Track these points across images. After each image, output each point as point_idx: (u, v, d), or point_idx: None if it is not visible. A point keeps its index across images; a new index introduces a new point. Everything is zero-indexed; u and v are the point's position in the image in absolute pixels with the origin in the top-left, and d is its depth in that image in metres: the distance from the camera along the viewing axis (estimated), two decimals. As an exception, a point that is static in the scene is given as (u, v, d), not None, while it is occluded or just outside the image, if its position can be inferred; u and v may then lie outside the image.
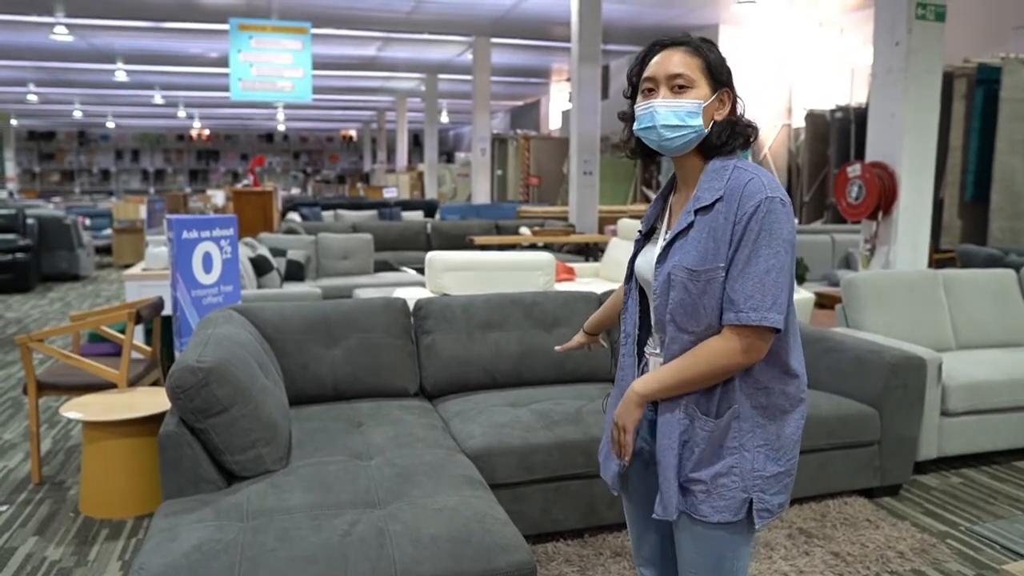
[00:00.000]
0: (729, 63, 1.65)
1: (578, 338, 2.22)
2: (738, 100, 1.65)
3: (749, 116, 1.67)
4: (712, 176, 1.59)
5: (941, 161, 7.71)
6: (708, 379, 1.56)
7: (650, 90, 1.62)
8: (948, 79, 7.46)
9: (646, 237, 1.76)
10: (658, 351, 1.68)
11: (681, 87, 1.58)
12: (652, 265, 1.65)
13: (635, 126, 1.65)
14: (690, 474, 1.61)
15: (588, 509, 2.97)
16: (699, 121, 1.58)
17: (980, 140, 7.60)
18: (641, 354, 1.75)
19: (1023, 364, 3.97)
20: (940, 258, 7.30)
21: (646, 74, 1.63)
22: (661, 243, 1.66)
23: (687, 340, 1.59)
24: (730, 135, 1.61)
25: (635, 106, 1.66)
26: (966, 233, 7.84)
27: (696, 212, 1.57)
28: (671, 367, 1.58)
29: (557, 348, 2.25)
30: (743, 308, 1.51)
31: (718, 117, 1.61)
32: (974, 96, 7.59)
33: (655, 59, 1.62)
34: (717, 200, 1.55)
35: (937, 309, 4.28)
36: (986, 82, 7.50)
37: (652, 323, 1.69)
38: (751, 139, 1.66)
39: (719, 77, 1.61)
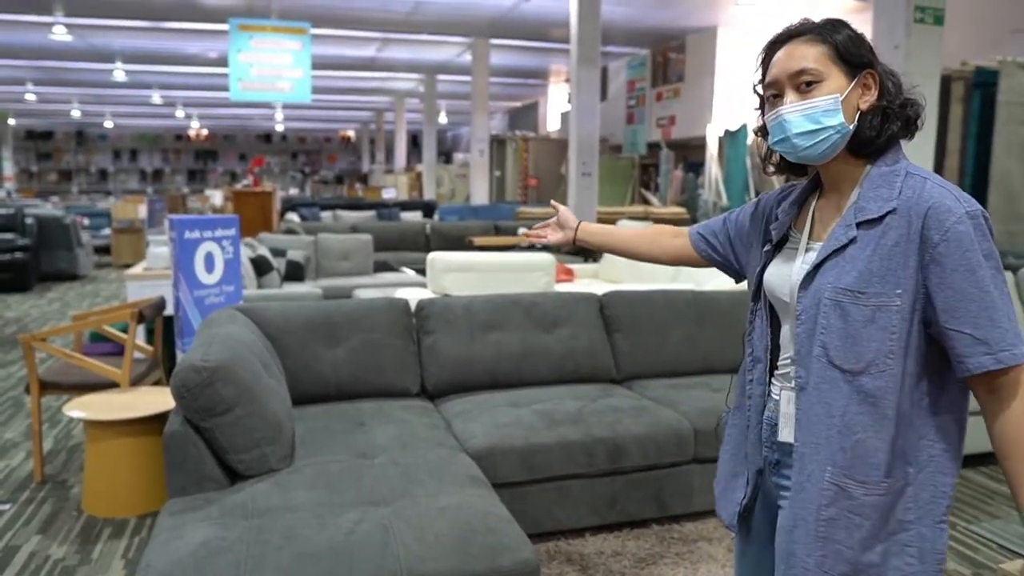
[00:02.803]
0: (866, 40, 1.37)
1: (563, 235, 1.86)
2: (888, 77, 1.37)
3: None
4: (879, 183, 1.34)
5: (939, 164, 7.74)
6: None
7: (776, 96, 1.39)
8: (945, 82, 7.49)
9: (776, 247, 1.49)
10: (792, 385, 1.42)
11: (809, 84, 1.34)
12: (792, 282, 1.41)
13: (769, 140, 1.42)
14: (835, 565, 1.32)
15: (589, 509, 3.00)
16: (840, 119, 1.33)
17: (977, 143, 7.63)
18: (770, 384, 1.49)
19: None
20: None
21: (768, 79, 1.40)
22: (805, 257, 1.41)
23: (840, 380, 1.32)
24: (883, 121, 1.34)
25: (765, 118, 1.42)
26: (964, 235, 7.88)
27: (859, 225, 1.33)
28: None
29: (524, 231, 1.89)
30: (1000, 346, 1.24)
31: (864, 106, 1.35)
32: (971, 99, 7.62)
33: (774, 59, 1.39)
34: (888, 213, 1.30)
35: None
36: (983, 85, 7.52)
37: (791, 353, 1.42)
38: (913, 121, 1.37)
39: (855, 59, 1.34)
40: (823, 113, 1.33)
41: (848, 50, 1.34)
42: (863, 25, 1.77)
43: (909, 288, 1.28)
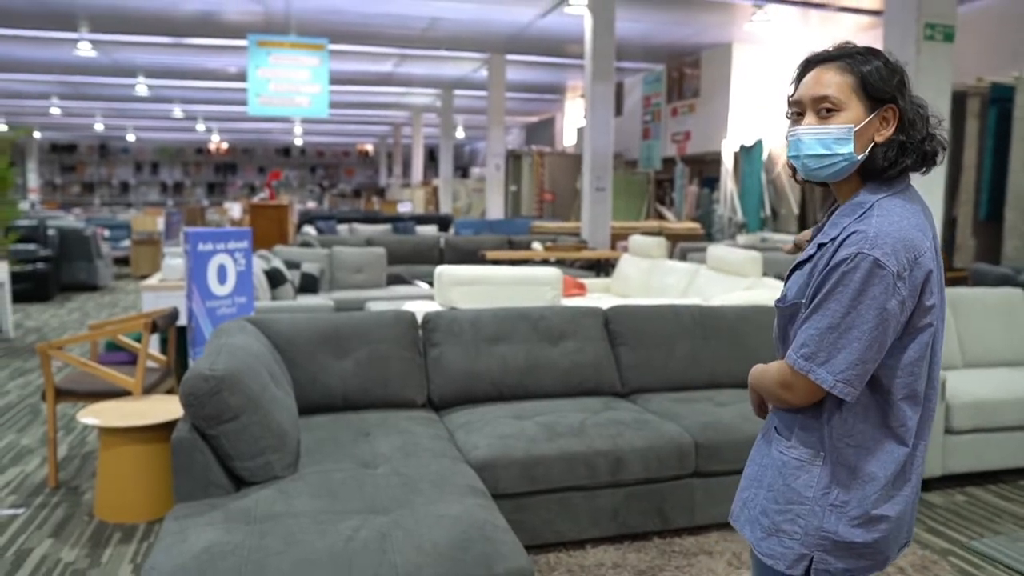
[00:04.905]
0: (899, 72, 1.44)
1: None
2: (915, 112, 1.44)
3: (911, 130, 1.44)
4: (847, 211, 1.45)
5: (955, 180, 7.71)
6: (763, 392, 1.54)
7: (798, 115, 1.48)
8: (961, 98, 7.47)
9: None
10: None
11: (828, 111, 1.43)
12: None
13: (786, 152, 1.51)
14: (756, 499, 1.55)
15: (590, 520, 3.02)
16: (849, 148, 1.41)
17: (994, 159, 7.60)
18: None
19: (1029, 383, 3.97)
20: (952, 277, 7.29)
21: (794, 97, 1.49)
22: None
23: None
24: (899, 154, 1.43)
25: (787, 132, 1.51)
26: (981, 252, 7.82)
27: (820, 245, 1.46)
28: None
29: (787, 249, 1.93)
30: (797, 350, 1.42)
31: (880, 139, 1.43)
32: (987, 115, 7.60)
33: (804, 80, 1.47)
34: (834, 239, 1.43)
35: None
36: (999, 101, 7.50)
37: None
38: (931, 157, 1.45)
39: (878, 94, 1.42)
40: (835, 140, 1.42)
41: (872, 83, 1.41)
42: (874, 41, 1.78)
43: (808, 298, 1.45)
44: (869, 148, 1.43)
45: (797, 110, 1.48)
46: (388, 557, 2.00)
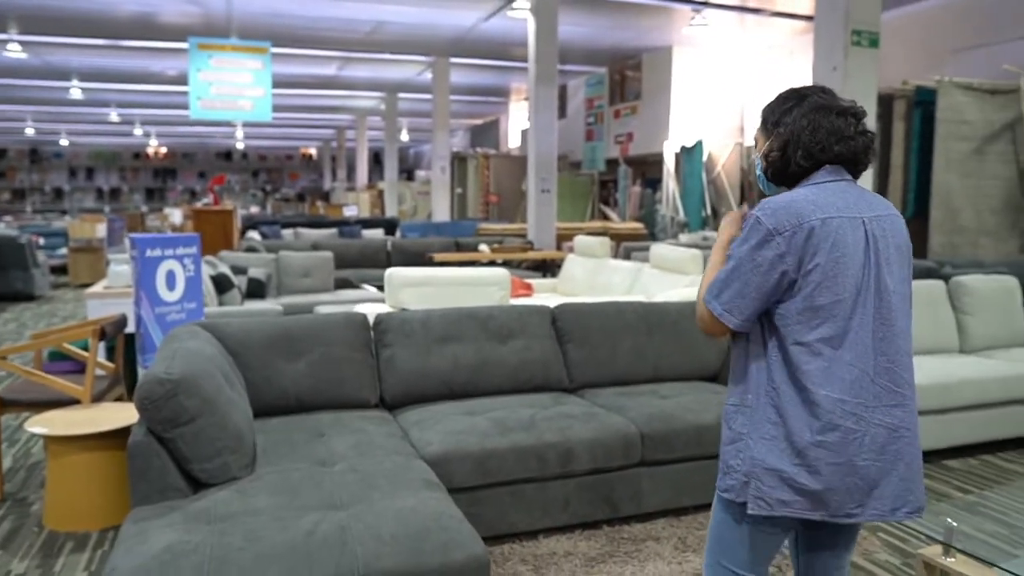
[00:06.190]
0: (790, 100, 1.82)
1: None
2: (794, 127, 1.79)
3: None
4: None
5: (884, 179, 8.06)
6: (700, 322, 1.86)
7: None
8: (888, 100, 7.82)
9: None
10: None
11: (756, 148, 1.93)
12: None
13: None
14: (722, 455, 1.85)
15: (542, 511, 3.12)
16: (760, 169, 1.91)
17: (919, 159, 7.96)
18: None
19: (947, 369, 4.23)
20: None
21: None
22: None
23: None
24: (774, 162, 1.84)
25: None
26: (908, 247, 8.17)
27: None
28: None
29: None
30: (708, 289, 1.80)
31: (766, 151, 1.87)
32: (913, 117, 7.95)
33: None
34: None
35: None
36: (923, 103, 7.86)
37: None
38: (801, 155, 1.78)
39: (767, 123, 1.87)
40: (755, 166, 1.93)
41: (764, 118, 1.89)
42: (807, 46, 2.09)
43: None
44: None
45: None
46: (349, 548, 2.07)
